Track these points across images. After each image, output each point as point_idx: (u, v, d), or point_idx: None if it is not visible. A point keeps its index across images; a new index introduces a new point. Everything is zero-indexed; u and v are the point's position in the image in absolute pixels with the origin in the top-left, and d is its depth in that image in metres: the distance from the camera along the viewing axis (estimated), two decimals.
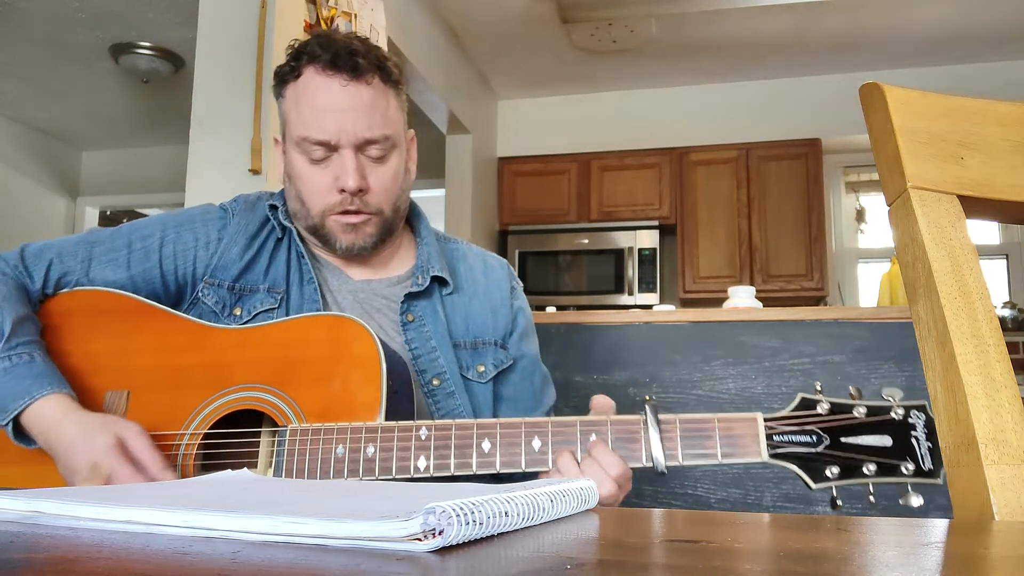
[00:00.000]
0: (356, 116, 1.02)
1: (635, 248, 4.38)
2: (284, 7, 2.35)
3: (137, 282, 1.07)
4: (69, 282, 1.06)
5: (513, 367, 1.15)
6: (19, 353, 0.93)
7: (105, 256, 1.08)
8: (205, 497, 0.49)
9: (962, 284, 0.56)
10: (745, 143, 4.46)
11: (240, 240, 1.10)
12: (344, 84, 1.02)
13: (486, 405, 1.10)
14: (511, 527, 0.39)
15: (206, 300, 1.07)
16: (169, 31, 3.66)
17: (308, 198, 1.07)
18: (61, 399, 0.91)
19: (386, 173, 1.06)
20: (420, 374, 1.06)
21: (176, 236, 1.10)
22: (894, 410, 0.78)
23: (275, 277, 1.09)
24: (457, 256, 1.19)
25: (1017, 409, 0.52)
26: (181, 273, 1.09)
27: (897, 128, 0.60)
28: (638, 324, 2.00)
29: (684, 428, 0.82)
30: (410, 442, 0.84)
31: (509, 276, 1.21)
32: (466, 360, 1.10)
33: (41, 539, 0.37)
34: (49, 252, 1.06)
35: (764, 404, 1.90)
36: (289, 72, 1.06)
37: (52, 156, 5.18)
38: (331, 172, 1.04)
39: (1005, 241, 4.48)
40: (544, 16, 3.88)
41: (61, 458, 0.89)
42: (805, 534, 0.42)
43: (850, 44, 4.13)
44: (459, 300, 1.14)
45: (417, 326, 1.09)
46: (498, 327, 1.15)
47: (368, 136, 1.03)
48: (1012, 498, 0.50)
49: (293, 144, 1.05)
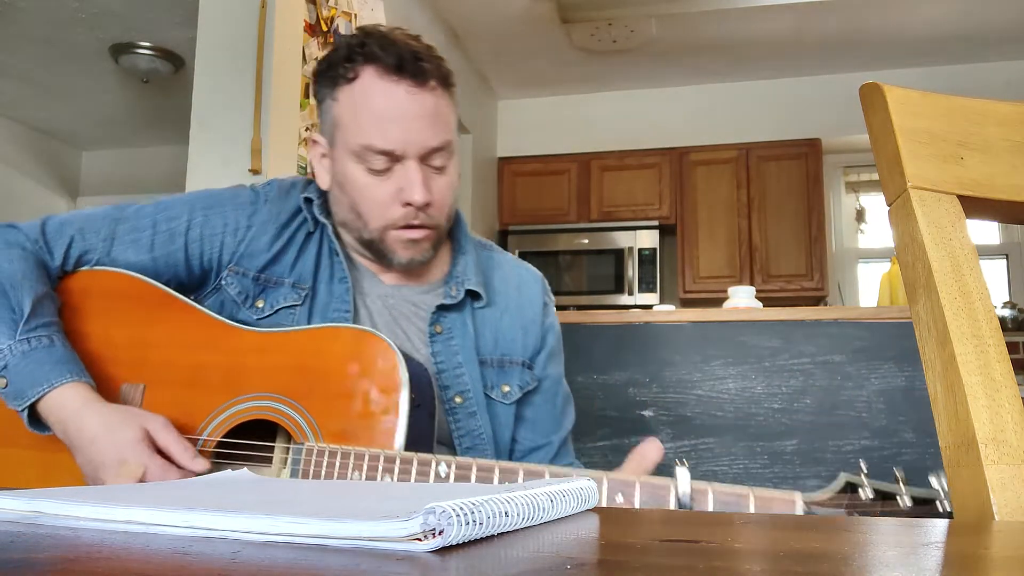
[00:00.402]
0: (422, 125, 0.96)
1: (635, 248, 4.38)
2: (284, 7, 2.35)
3: (159, 265, 1.03)
4: (89, 260, 1.02)
5: (537, 388, 1.11)
6: (38, 336, 0.90)
7: (128, 236, 1.03)
8: (205, 497, 0.49)
9: (962, 284, 0.56)
10: (745, 143, 4.46)
11: (270, 229, 1.04)
12: (410, 91, 0.96)
13: (507, 427, 1.07)
14: (511, 527, 0.39)
15: (229, 288, 1.03)
16: (169, 31, 3.66)
17: (367, 211, 1.00)
18: (80, 388, 0.88)
19: (446, 184, 1.01)
20: (443, 390, 1.02)
21: (204, 220, 1.04)
22: (941, 501, 0.73)
23: (302, 272, 1.04)
24: (492, 265, 1.14)
25: (1017, 409, 0.52)
26: (207, 259, 1.04)
27: (897, 128, 0.60)
28: (638, 324, 2.00)
29: (717, 499, 0.75)
30: (428, 477, 0.79)
31: (543, 292, 1.16)
32: (491, 378, 1.06)
33: (41, 539, 0.37)
34: (71, 227, 1.01)
35: (764, 404, 1.90)
36: (343, 73, 0.98)
37: (52, 156, 5.18)
38: (393, 184, 0.97)
39: (1005, 241, 4.48)
40: (544, 16, 3.88)
41: (82, 451, 0.86)
42: (805, 534, 0.42)
43: (850, 44, 4.13)
44: (490, 314, 1.09)
45: (445, 339, 1.04)
46: (527, 346, 1.10)
47: (433, 145, 0.97)
48: (1012, 498, 0.50)
49: (349, 152, 0.98)
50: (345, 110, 0.98)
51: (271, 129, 2.25)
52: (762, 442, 1.88)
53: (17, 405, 0.88)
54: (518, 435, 1.10)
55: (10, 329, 0.90)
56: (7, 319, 0.90)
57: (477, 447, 1.04)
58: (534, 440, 1.11)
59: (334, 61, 1.00)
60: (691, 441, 1.93)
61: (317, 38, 2.54)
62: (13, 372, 0.88)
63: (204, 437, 0.91)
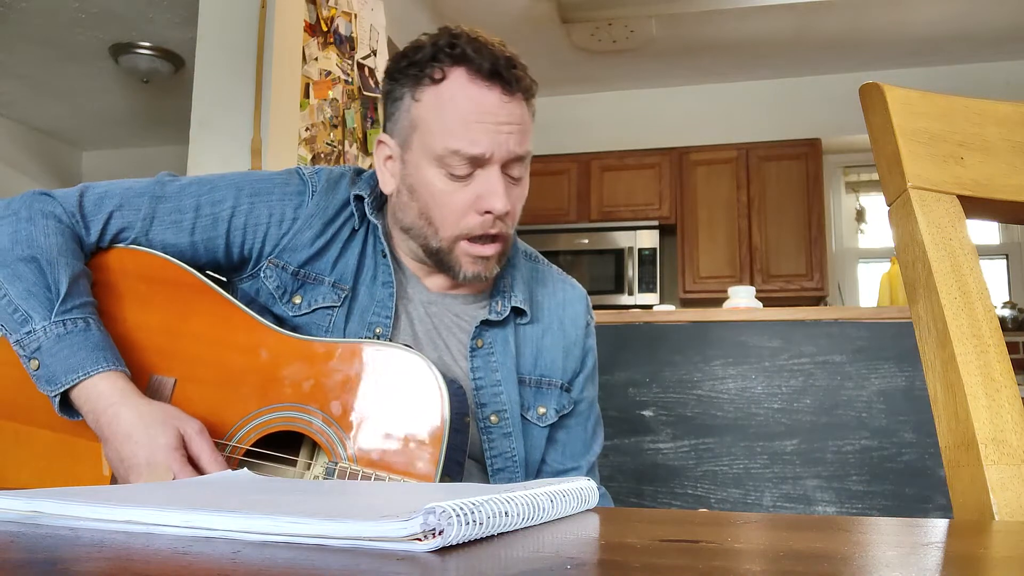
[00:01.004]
0: (511, 132, 0.93)
1: (635, 248, 4.38)
2: (284, 7, 2.35)
3: (199, 248, 1.00)
4: (127, 238, 0.98)
5: (572, 411, 1.08)
6: (73, 319, 0.87)
7: (169, 217, 0.99)
8: (205, 497, 0.49)
9: (962, 284, 0.56)
10: (745, 143, 4.46)
11: (315, 224, 1.01)
12: (503, 97, 0.93)
13: (539, 449, 1.05)
14: (511, 527, 0.39)
15: (267, 280, 1.00)
16: (169, 31, 3.66)
17: (441, 218, 0.95)
18: (116, 379, 0.86)
19: (520, 195, 0.98)
20: (479, 407, 1.00)
21: (250, 207, 1.00)
22: None
23: (343, 271, 1.01)
24: (538, 280, 1.11)
25: (1017, 409, 0.52)
26: (248, 248, 1.01)
27: (897, 128, 0.60)
28: (638, 324, 2.00)
29: None
30: None
31: (586, 311, 1.13)
32: (529, 399, 1.04)
33: (41, 539, 0.37)
34: (111, 202, 0.97)
35: (764, 404, 1.90)
36: (429, 72, 0.94)
37: (52, 156, 5.18)
38: (472, 191, 0.94)
39: (1005, 241, 4.48)
40: (544, 16, 3.88)
41: (113, 446, 0.84)
42: (805, 534, 0.42)
43: (850, 44, 4.13)
44: (532, 332, 1.06)
45: (485, 354, 1.02)
46: (567, 368, 1.08)
47: (519, 153, 0.94)
48: (1012, 498, 0.50)
49: (429, 155, 0.94)
50: (429, 111, 0.94)
51: (271, 129, 2.25)
52: (762, 442, 1.89)
53: (49, 390, 0.85)
54: (548, 456, 1.08)
55: (45, 309, 0.86)
56: (43, 297, 0.87)
57: (508, 468, 1.02)
58: (563, 463, 1.09)
59: (418, 60, 0.95)
60: (691, 441, 1.93)
61: (317, 38, 2.54)
62: (46, 355, 0.85)
63: (233, 443, 0.89)
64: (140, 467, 0.82)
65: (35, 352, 0.86)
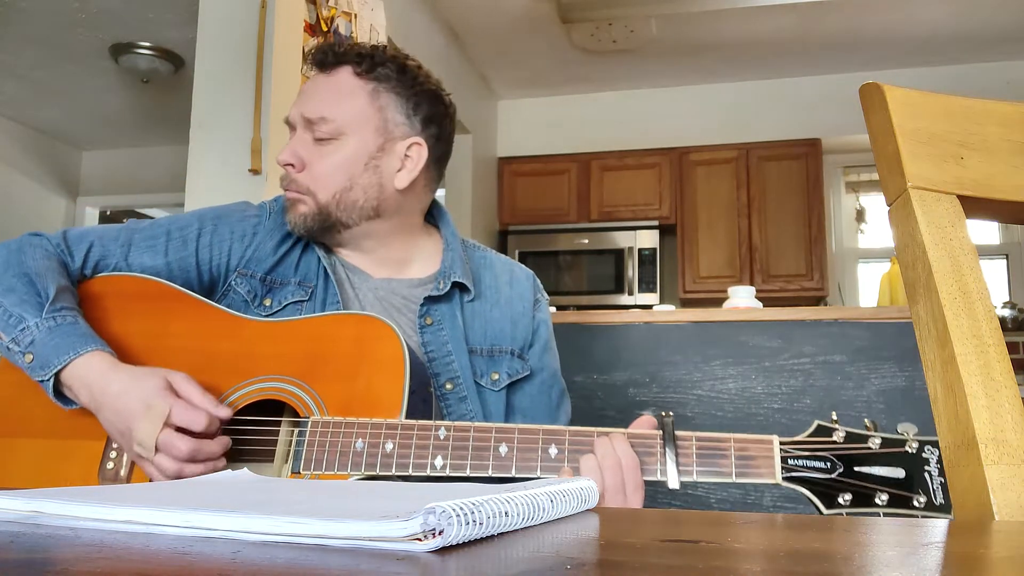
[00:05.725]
0: (308, 99, 1.09)
1: (635, 248, 4.38)
2: (284, 7, 2.35)
3: (173, 269, 1.10)
4: (108, 265, 1.09)
5: (531, 379, 1.15)
6: (63, 315, 0.96)
7: (144, 243, 1.11)
8: (205, 497, 0.49)
9: (962, 284, 0.56)
10: (745, 143, 4.46)
11: (275, 236, 1.13)
12: (319, 76, 1.11)
13: (498, 413, 1.11)
14: (511, 527, 0.39)
15: (238, 288, 1.10)
16: (169, 31, 3.66)
17: None
18: (105, 356, 0.94)
19: (323, 153, 1.09)
20: (434, 376, 1.07)
21: (213, 228, 1.13)
22: (909, 444, 0.80)
23: (306, 272, 1.12)
24: (484, 264, 1.21)
25: (1017, 409, 0.52)
26: (216, 264, 1.11)
27: (897, 128, 0.60)
28: (638, 324, 2.00)
29: (700, 446, 0.83)
30: (428, 440, 0.86)
31: (534, 288, 1.22)
32: (481, 367, 1.12)
33: (41, 539, 0.37)
34: (90, 236, 1.10)
35: (764, 404, 1.90)
36: None
37: (52, 156, 5.18)
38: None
39: (1005, 241, 4.48)
40: (544, 16, 3.88)
41: (108, 406, 0.90)
42: (805, 534, 0.42)
43: (850, 44, 4.13)
44: (480, 307, 1.15)
45: (435, 329, 1.10)
46: (517, 337, 1.16)
47: (308, 115, 1.08)
48: (1012, 498, 0.50)
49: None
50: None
51: (271, 129, 2.25)
52: None
53: (43, 375, 0.92)
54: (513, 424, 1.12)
55: (36, 309, 0.95)
56: (33, 302, 0.96)
57: None
58: None
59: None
60: None
61: (317, 38, 2.54)
62: (40, 345, 0.93)
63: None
64: (138, 413, 0.88)
65: (29, 345, 0.94)
